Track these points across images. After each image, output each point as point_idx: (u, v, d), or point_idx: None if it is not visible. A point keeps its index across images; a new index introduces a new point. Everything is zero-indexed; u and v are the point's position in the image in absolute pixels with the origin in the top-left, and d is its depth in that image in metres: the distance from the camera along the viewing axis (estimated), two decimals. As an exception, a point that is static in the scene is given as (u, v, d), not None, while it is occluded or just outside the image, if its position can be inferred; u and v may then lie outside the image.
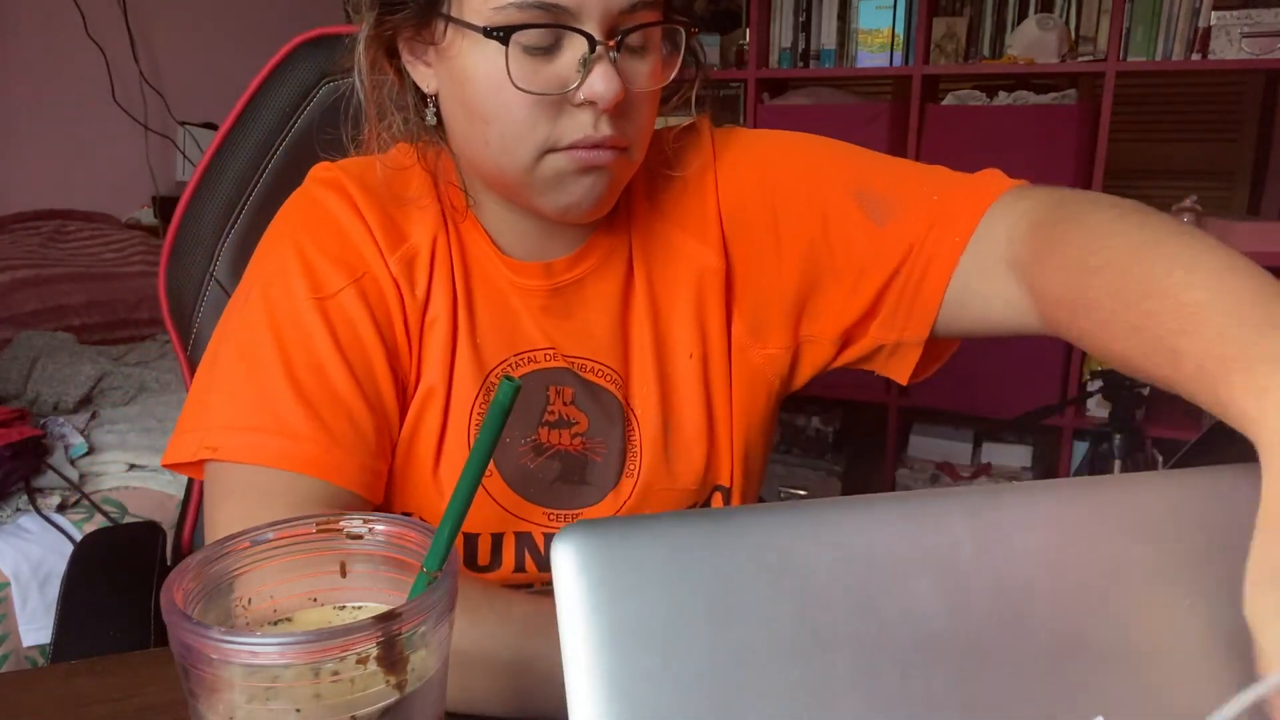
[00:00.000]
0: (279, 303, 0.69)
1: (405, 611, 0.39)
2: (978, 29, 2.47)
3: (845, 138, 0.82)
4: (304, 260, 0.70)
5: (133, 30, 2.89)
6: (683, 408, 0.78)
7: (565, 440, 0.76)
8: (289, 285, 0.69)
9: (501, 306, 0.76)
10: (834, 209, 0.75)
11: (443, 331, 0.73)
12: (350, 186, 0.73)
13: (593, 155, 0.67)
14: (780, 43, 2.57)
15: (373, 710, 0.39)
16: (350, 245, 0.72)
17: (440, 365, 0.73)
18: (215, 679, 0.38)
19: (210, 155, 0.99)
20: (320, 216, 0.73)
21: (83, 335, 2.30)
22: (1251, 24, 2.08)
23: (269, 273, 0.71)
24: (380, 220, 0.73)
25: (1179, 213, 2.27)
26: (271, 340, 0.68)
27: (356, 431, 0.68)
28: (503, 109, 0.66)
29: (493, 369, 0.75)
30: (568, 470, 0.76)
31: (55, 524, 1.67)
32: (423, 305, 0.73)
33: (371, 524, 0.46)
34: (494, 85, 0.65)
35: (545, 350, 0.76)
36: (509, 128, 0.66)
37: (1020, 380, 2.37)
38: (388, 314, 0.72)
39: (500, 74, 0.64)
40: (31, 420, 1.82)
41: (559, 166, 0.67)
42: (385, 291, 0.72)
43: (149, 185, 3.01)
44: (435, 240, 0.74)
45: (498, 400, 0.44)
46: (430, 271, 0.73)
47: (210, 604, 0.43)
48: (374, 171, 0.75)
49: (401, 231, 0.74)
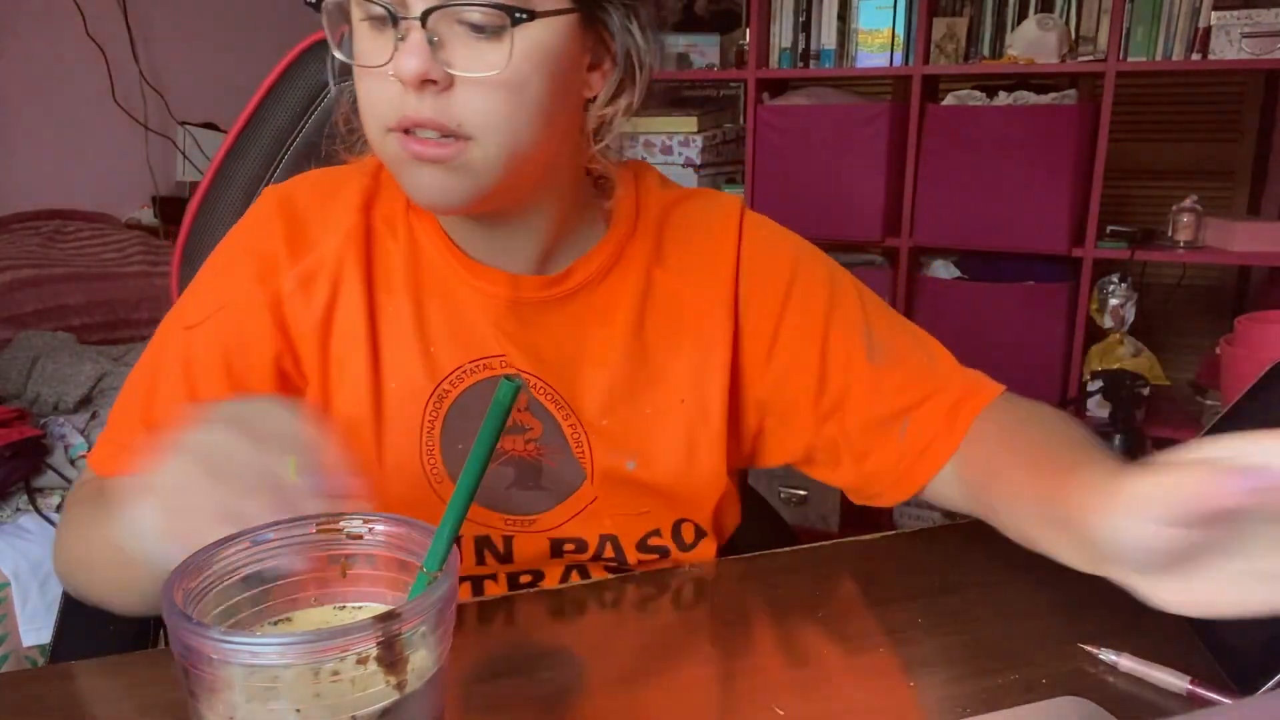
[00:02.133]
0: (170, 330, 0.77)
1: (405, 611, 0.39)
2: (978, 29, 2.47)
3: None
4: (201, 285, 0.77)
5: (133, 30, 2.89)
6: (663, 446, 0.79)
7: (519, 446, 0.78)
8: (184, 310, 0.77)
9: (457, 312, 0.77)
10: (837, 335, 0.81)
11: (360, 340, 0.75)
12: (275, 203, 0.77)
13: (423, 146, 0.66)
14: (780, 43, 2.57)
15: (373, 710, 0.39)
16: (237, 272, 0.76)
17: (362, 373, 0.75)
18: (215, 679, 0.38)
19: (221, 157, 0.99)
20: (237, 240, 0.78)
21: (83, 335, 2.30)
22: (1251, 24, 2.08)
23: (182, 298, 0.78)
24: (289, 234, 0.76)
25: (1179, 213, 2.27)
26: (147, 361, 0.76)
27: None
28: (359, 85, 0.68)
29: (447, 375, 0.76)
30: (522, 476, 0.78)
31: (55, 524, 1.66)
32: (321, 318, 0.75)
33: (371, 524, 0.47)
34: (350, 63, 0.68)
35: (499, 357, 0.77)
36: (362, 103, 0.69)
37: (1020, 380, 2.36)
38: (260, 335, 0.75)
39: (343, 49, 0.68)
40: (31, 420, 1.82)
41: (395, 150, 0.67)
42: (273, 304, 0.75)
43: (149, 185, 3.01)
44: (344, 255, 0.76)
45: (498, 400, 0.44)
46: (335, 284, 0.75)
47: (210, 604, 0.43)
48: (331, 176, 0.79)
49: (312, 244, 0.76)
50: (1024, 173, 2.24)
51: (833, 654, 0.67)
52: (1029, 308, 2.33)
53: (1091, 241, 2.26)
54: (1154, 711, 0.60)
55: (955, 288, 2.40)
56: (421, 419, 0.76)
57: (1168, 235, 2.31)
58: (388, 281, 0.77)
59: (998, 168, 2.26)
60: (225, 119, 2.83)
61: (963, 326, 2.39)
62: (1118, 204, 2.77)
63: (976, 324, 2.38)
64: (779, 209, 2.90)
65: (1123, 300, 2.26)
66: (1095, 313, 2.30)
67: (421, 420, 0.76)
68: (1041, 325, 2.33)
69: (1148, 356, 2.29)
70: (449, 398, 0.76)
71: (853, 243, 2.53)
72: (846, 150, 2.40)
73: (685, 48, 2.76)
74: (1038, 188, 2.23)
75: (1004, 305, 2.35)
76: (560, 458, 0.79)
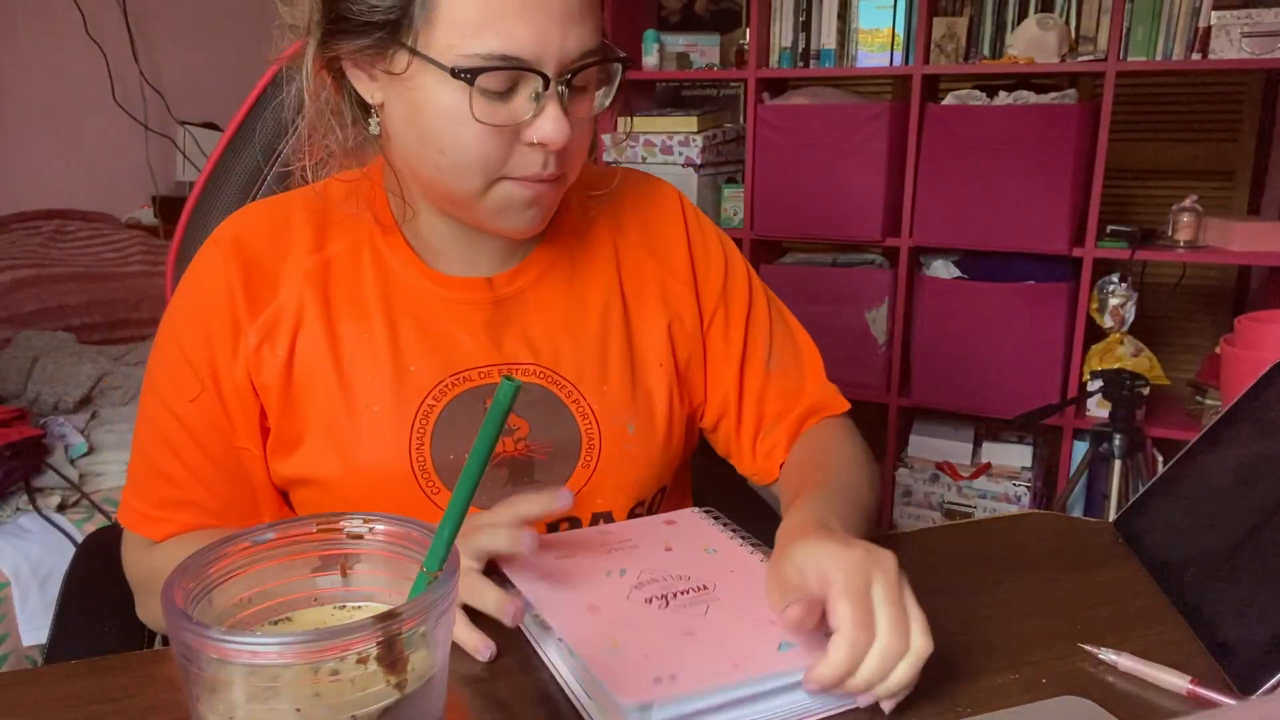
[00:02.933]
0: (156, 406, 0.79)
1: (405, 611, 0.39)
2: (978, 29, 2.47)
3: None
4: (173, 363, 0.78)
5: (133, 30, 2.89)
6: (650, 409, 0.85)
7: (509, 447, 0.81)
8: (161, 389, 0.79)
9: (433, 329, 0.80)
10: (752, 333, 0.91)
11: (326, 372, 0.78)
12: (229, 253, 0.78)
13: (539, 187, 0.74)
14: (780, 42, 2.57)
15: (373, 710, 0.39)
16: (209, 339, 0.77)
17: (336, 402, 0.78)
18: (215, 679, 0.38)
19: (217, 156, 0.99)
20: (193, 304, 0.79)
21: (83, 335, 2.30)
22: (1251, 24, 2.08)
23: (157, 368, 0.80)
24: (247, 286, 0.77)
25: (1179, 213, 2.27)
26: (148, 434, 0.79)
27: (201, 507, 0.79)
28: (459, 140, 0.70)
29: (429, 391, 0.79)
30: (515, 474, 0.81)
31: (55, 524, 1.66)
32: (285, 360, 0.78)
33: (372, 524, 0.47)
34: (452, 119, 0.69)
35: (479, 369, 0.80)
36: (462, 157, 0.71)
37: (1020, 380, 2.37)
38: (241, 401, 0.78)
39: (459, 109, 0.69)
40: (31, 420, 1.82)
41: (509, 194, 0.74)
42: (237, 378, 0.77)
43: (149, 185, 3.01)
44: (303, 296, 0.78)
45: (498, 400, 0.44)
46: (296, 326, 0.78)
47: (211, 604, 0.43)
48: (280, 211, 0.81)
49: (271, 292, 0.78)
50: (1024, 172, 2.24)
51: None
52: (1029, 308, 2.33)
53: (1091, 241, 2.26)
54: (1154, 711, 0.60)
55: (955, 288, 2.40)
56: (410, 435, 0.78)
57: (1168, 235, 2.31)
58: (356, 309, 0.79)
59: (998, 167, 2.26)
60: (225, 119, 2.83)
61: (963, 326, 2.39)
62: (1118, 204, 2.77)
63: (976, 324, 2.38)
64: (779, 209, 2.90)
65: (1123, 300, 2.26)
66: (1095, 313, 2.30)
67: (410, 436, 0.78)
68: (1041, 325, 2.33)
69: (1148, 356, 2.29)
70: (434, 413, 0.79)
71: (853, 243, 2.53)
72: (846, 150, 2.40)
73: (685, 48, 2.76)
74: (1038, 187, 2.23)
75: (1004, 305, 2.35)
76: (550, 449, 0.82)
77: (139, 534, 0.81)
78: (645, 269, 0.88)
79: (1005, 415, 2.33)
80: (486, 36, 0.67)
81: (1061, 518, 0.92)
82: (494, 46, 0.67)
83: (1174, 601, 0.71)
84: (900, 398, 2.53)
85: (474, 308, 0.81)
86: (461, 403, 0.80)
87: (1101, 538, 0.83)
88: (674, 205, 0.91)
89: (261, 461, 0.79)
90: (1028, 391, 2.33)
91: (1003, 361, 2.38)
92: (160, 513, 0.79)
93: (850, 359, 2.54)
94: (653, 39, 2.67)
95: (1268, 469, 0.72)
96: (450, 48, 0.67)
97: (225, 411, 0.78)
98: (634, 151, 2.62)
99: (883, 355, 2.53)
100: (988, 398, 2.41)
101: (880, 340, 2.52)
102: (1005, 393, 2.37)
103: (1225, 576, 0.69)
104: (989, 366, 2.39)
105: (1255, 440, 0.76)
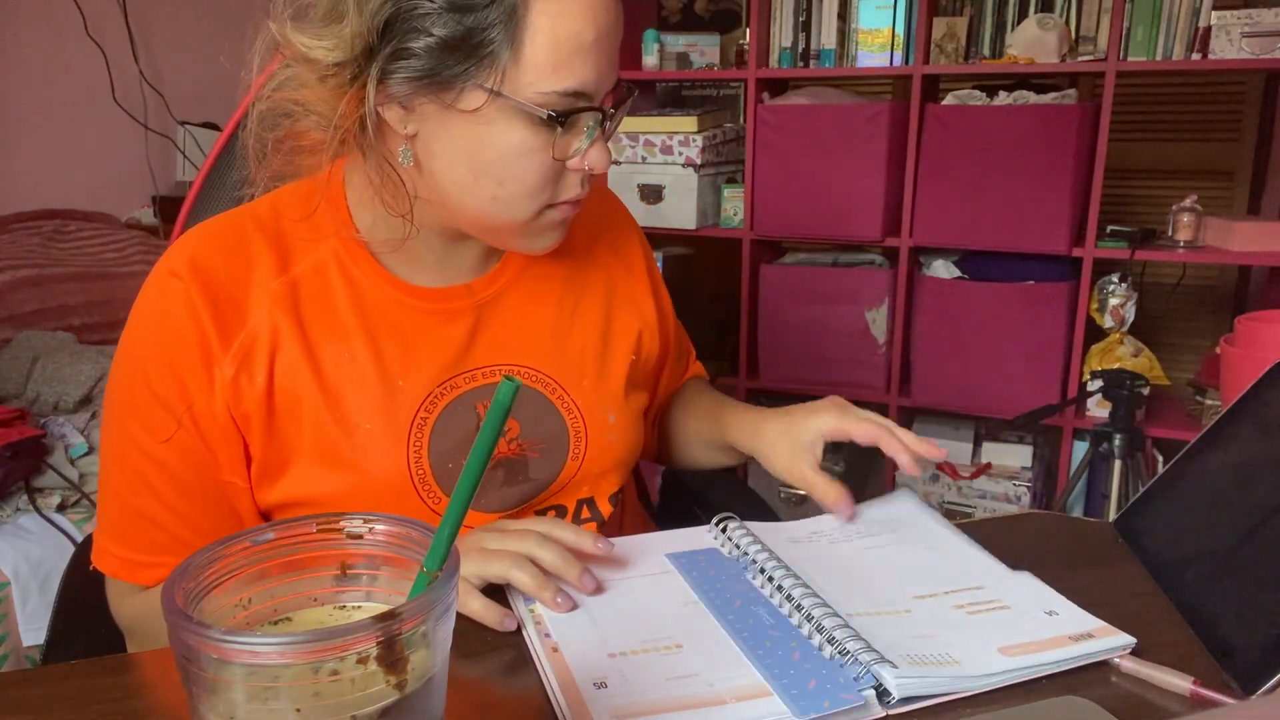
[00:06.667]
0: (127, 448, 0.76)
1: (405, 611, 0.39)
2: (978, 29, 2.47)
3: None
4: (141, 402, 0.75)
5: (133, 30, 2.89)
6: (626, 398, 0.89)
7: (503, 447, 0.83)
8: (131, 431, 0.76)
9: (415, 343, 0.80)
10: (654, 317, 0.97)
11: (310, 393, 0.76)
12: (191, 283, 0.75)
13: (573, 209, 0.78)
14: (780, 42, 2.57)
15: (373, 710, 0.39)
16: (179, 376, 0.74)
17: (325, 423, 0.77)
18: (215, 679, 0.38)
19: (214, 156, 0.99)
20: (158, 339, 0.75)
21: (83, 335, 2.30)
22: (1251, 24, 2.08)
23: (122, 407, 0.77)
24: (216, 315, 0.75)
25: (1179, 212, 2.27)
26: (120, 476, 0.77)
27: (189, 546, 0.76)
28: (523, 173, 0.72)
29: (421, 403, 0.79)
30: (511, 474, 0.83)
31: (55, 524, 1.66)
32: (264, 385, 0.76)
33: (371, 524, 0.46)
34: (517, 153, 0.70)
35: (465, 374, 0.81)
36: (520, 188, 0.72)
37: (1020, 380, 2.37)
38: (223, 438, 0.76)
39: (529, 144, 0.70)
40: (31, 420, 1.82)
41: (553, 218, 0.77)
42: (216, 412, 0.75)
43: (149, 185, 3.01)
44: (276, 319, 0.76)
45: (499, 400, 0.44)
46: (273, 350, 0.76)
47: (211, 604, 0.43)
48: (233, 232, 0.79)
49: (242, 315, 0.76)
50: (1024, 172, 2.24)
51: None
52: (1029, 308, 2.33)
53: (1091, 241, 2.26)
54: (1154, 712, 0.60)
55: (955, 287, 2.40)
56: (407, 449, 0.78)
57: (1168, 235, 2.31)
58: (333, 332, 0.78)
59: (998, 167, 2.26)
60: (225, 119, 2.83)
61: (963, 326, 2.39)
62: (1118, 204, 2.77)
63: (976, 324, 2.37)
64: (779, 209, 2.90)
65: (1123, 300, 2.26)
66: (1095, 312, 2.30)
67: (407, 450, 0.78)
68: (1041, 325, 2.33)
69: (1148, 356, 2.29)
70: (428, 424, 0.79)
71: (853, 242, 2.53)
72: (846, 150, 2.40)
73: (685, 47, 2.76)
74: (1038, 187, 2.23)
75: (1004, 305, 2.35)
76: (543, 446, 0.84)
77: (129, 581, 0.79)
78: (611, 266, 0.93)
79: (1005, 415, 2.33)
80: (562, 74, 0.68)
81: (1061, 518, 0.92)
82: (569, 84, 0.69)
83: (1174, 601, 0.72)
84: (900, 398, 2.53)
85: (456, 315, 0.82)
86: (453, 410, 0.80)
87: (1101, 538, 0.83)
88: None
89: (247, 493, 0.78)
90: (1027, 391, 2.34)
91: (1002, 361, 2.38)
92: (149, 558, 0.78)
93: (850, 359, 2.54)
94: (653, 39, 2.67)
95: (1268, 469, 0.72)
96: (529, 85, 0.68)
97: (207, 446, 0.76)
98: (634, 151, 2.61)
99: (883, 355, 2.53)
100: (987, 398, 2.41)
101: (880, 340, 2.52)
102: (1005, 393, 2.37)
103: (1225, 576, 0.69)
104: (989, 366, 2.39)
105: (1255, 440, 0.76)
